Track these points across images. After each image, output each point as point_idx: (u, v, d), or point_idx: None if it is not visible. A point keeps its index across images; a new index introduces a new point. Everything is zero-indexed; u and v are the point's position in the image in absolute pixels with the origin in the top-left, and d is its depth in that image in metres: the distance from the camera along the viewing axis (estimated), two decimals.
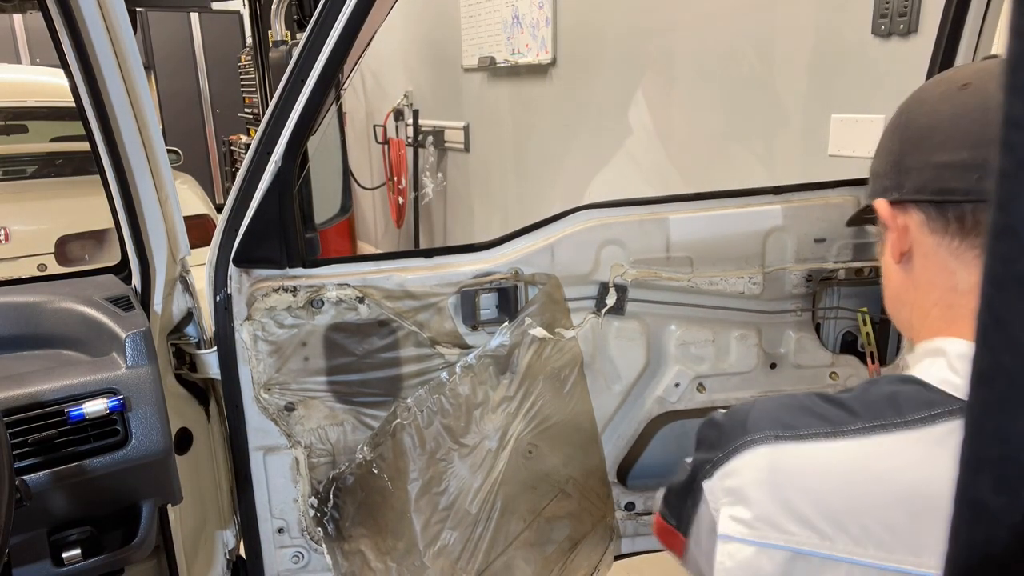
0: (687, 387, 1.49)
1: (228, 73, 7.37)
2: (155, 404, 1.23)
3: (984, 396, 0.29)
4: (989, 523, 0.29)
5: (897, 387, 0.70)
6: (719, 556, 0.73)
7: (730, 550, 0.71)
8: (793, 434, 0.71)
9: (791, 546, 0.68)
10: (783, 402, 0.76)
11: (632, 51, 3.11)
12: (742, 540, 0.71)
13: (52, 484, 1.14)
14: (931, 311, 0.72)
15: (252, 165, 1.31)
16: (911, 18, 1.99)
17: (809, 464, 0.70)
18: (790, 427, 0.72)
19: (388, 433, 1.44)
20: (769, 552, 0.69)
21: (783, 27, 2.46)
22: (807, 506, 0.68)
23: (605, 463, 1.53)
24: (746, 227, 1.43)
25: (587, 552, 1.52)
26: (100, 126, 1.25)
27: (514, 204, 4.15)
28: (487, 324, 1.43)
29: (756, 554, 0.70)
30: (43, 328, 1.34)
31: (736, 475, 0.73)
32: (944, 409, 0.66)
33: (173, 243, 1.38)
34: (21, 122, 4.05)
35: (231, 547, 1.56)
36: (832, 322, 1.55)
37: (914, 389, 0.69)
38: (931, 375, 0.69)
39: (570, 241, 1.41)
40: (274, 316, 1.37)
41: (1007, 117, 0.26)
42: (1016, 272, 0.26)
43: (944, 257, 0.70)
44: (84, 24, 1.17)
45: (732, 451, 0.74)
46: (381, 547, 1.47)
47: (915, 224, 0.72)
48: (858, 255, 1.46)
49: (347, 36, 1.23)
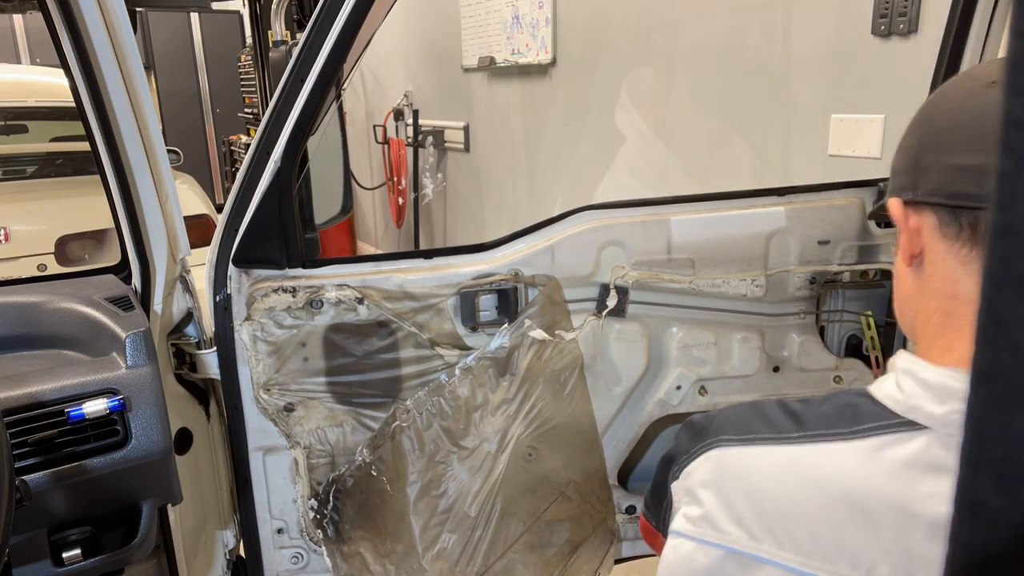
0: (689, 390, 1.48)
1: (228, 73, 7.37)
2: (155, 404, 1.23)
3: (984, 396, 0.28)
4: (989, 523, 0.29)
5: (854, 399, 0.71)
6: (666, 550, 0.77)
7: (675, 544, 0.75)
8: (743, 438, 0.75)
9: (724, 544, 0.71)
10: (746, 408, 0.80)
11: (632, 51, 3.11)
12: (686, 536, 0.74)
13: (52, 484, 1.14)
14: (932, 317, 0.71)
15: (252, 165, 1.30)
16: (911, 18, 1.99)
17: (750, 468, 0.73)
18: (742, 431, 0.76)
19: (387, 435, 1.44)
20: (705, 548, 0.72)
21: (783, 27, 2.46)
22: (744, 508, 0.71)
23: (606, 466, 1.52)
24: (749, 229, 1.43)
25: (587, 556, 1.52)
26: (100, 126, 1.25)
27: (514, 204, 4.15)
28: (487, 326, 1.43)
29: (694, 550, 0.73)
30: (43, 328, 1.33)
31: (692, 476, 0.77)
32: (880, 423, 0.67)
33: (173, 243, 1.38)
34: (21, 122, 4.04)
35: (231, 547, 1.56)
36: (836, 325, 1.54)
37: (864, 402, 0.70)
38: (879, 389, 0.70)
39: (571, 242, 1.41)
40: (273, 316, 1.37)
41: (1007, 117, 0.26)
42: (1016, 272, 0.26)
43: (952, 264, 0.68)
44: (84, 24, 1.17)
45: (694, 453, 0.78)
46: (380, 549, 1.46)
47: (928, 227, 0.70)
48: (862, 257, 1.45)
49: (347, 36, 1.22)
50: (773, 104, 2.52)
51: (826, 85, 2.30)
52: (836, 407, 0.71)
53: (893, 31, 2.04)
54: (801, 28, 2.38)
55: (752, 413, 0.77)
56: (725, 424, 0.78)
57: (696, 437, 0.80)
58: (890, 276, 1.49)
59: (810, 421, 0.72)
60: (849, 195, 1.44)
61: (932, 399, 0.64)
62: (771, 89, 2.51)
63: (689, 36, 2.82)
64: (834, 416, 0.70)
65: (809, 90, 2.37)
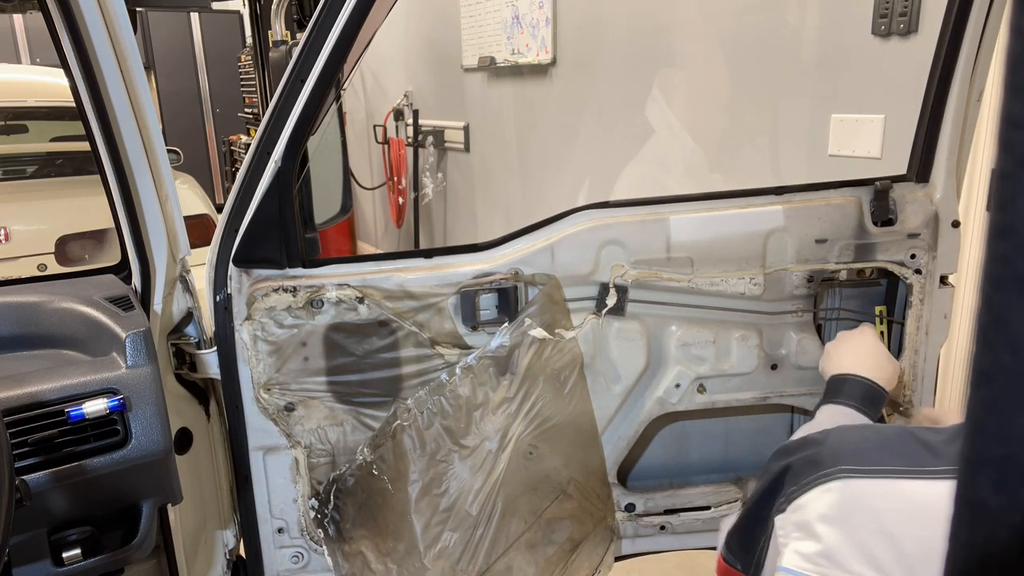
0: (687, 388, 1.48)
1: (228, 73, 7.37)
2: (155, 404, 1.23)
3: (984, 396, 0.29)
4: (989, 523, 0.29)
5: None
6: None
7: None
8: (870, 470, 0.68)
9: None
10: (863, 434, 0.73)
11: (632, 51, 3.11)
12: (801, 574, 0.69)
13: (52, 484, 1.14)
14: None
15: (252, 165, 1.31)
16: (911, 18, 1.98)
17: (884, 504, 0.67)
18: (868, 462, 0.69)
19: (388, 434, 1.44)
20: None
21: (783, 27, 2.45)
22: (879, 548, 0.65)
23: (605, 464, 1.53)
24: (747, 227, 1.43)
25: (588, 553, 1.52)
26: (100, 126, 1.25)
27: (514, 204, 4.15)
28: (487, 325, 1.43)
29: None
30: (43, 328, 1.33)
31: (807, 509, 0.71)
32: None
33: (173, 243, 1.38)
34: (21, 122, 4.04)
35: (231, 547, 1.56)
36: (834, 323, 1.55)
37: None
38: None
39: (570, 241, 1.41)
40: (274, 316, 1.37)
41: (1007, 116, 0.26)
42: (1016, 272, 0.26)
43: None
44: (84, 24, 1.17)
45: (807, 484, 0.72)
46: (382, 548, 1.46)
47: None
48: (860, 256, 1.45)
49: (347, 36, 1.23)
50: (773, 104, 2.52)
51: (826, 85, 2.30)
52: None
53: (893, 31, 2.04)
54: (801, 28, 2.38)
55: (874, 441, 0.71)
56: (842, 453, 0.71)
57: (807, 467, 0.73)
58: (887, 274, 1.49)
59: (948, 454, 0.66)
60: (846, 194, 1.44)
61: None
62: (771, 89, 2.51)
63: (689, 36, 2.82)
64: None
65: (809, 90, 2.37)
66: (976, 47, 1.34)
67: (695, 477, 1.63)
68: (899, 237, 1.44)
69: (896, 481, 0.67)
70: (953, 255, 1.45)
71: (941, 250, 1.44)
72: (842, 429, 0.76)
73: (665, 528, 1.58)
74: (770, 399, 1.52)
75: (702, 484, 1.59)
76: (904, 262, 1.45)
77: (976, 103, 1.41)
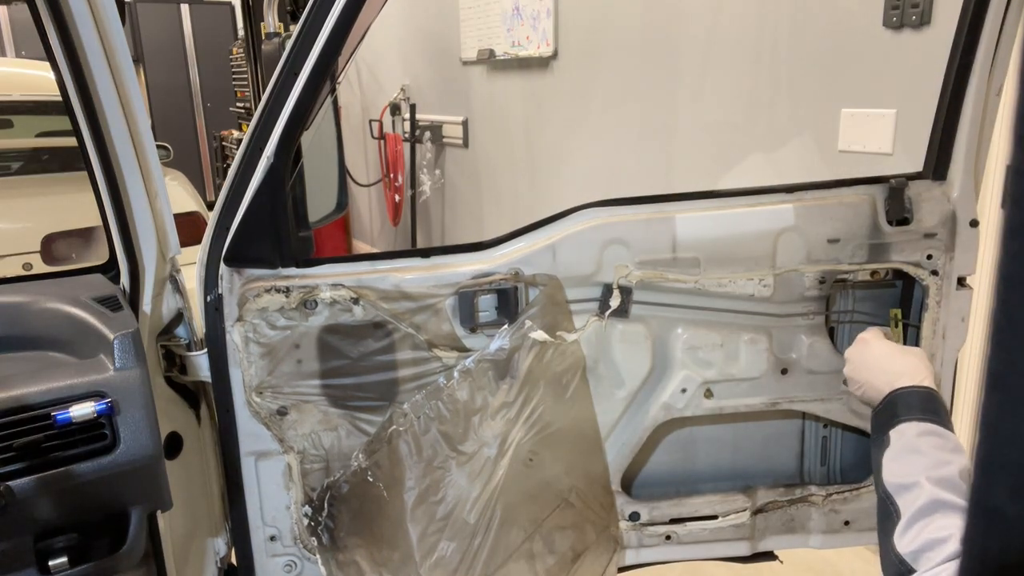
0: (694, 393, 1.46)
1: (219, 66, 7.36)
2: (144, 407, 1.22)
3: (998, 399, 0.28)
4: (1005, 531, 0.28)
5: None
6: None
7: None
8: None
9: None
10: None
11: (636, 43, 3.08)
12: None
13: (38, 489, 1.12)
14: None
15: (244, 161, 1.29)
16: (924, 9, 1.95)
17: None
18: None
19: (384, 440, 1.42)
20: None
21: (791, 18, 2.42)
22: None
23: (608, 471, 1.51)
24: (756, 227, 1.40)
25: (590, 564, 1.50)
26: (87, 121, 1.25)
27: (514, 202, 4.13)
28: (486, 327, 1.41)
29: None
30: (28, 329, 1.32)
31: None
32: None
33: (163, 241, 1.37)
34: (6, 116, 4.02)
35: (222, 555, 1.55)
36: (846, 326, 1.52)
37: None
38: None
39: (572, 241, 1.39)
40: (266, 317, 1.36)
41: (1021, 111, 0.25)
42: None
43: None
44: (71, 16, 1.17)
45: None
46: (376, 558, 1.45)
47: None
48: (873, 256, 1.42)
49: (342, 28, 1.21)
50: (781, 98, 2.49)
51: (836, 78, 2.27)
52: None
53: (905, 23, 2.01)
54: (810, 19, 2.35)
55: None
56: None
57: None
58: (902, 275, 1.46)
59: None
60: (860, 192, 1.41)
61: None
62: (779, 82, 2.48)
63: (695, 28, 2.79)
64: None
65: (818, 84, 2.34)
66: (996, 39, 1.31)
67: (702, 485, 1.60)
68: (915, 237, 1.41)
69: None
70: (971, 256, 1.42)
71: (959, 251, 1.41)
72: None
73: (671, 538, 1.56)
74: (780, 404, 1.49)
75: (709, 493, 1.56)
76: (920, 263, 1.42)
77: (996, 97, 1.38)
